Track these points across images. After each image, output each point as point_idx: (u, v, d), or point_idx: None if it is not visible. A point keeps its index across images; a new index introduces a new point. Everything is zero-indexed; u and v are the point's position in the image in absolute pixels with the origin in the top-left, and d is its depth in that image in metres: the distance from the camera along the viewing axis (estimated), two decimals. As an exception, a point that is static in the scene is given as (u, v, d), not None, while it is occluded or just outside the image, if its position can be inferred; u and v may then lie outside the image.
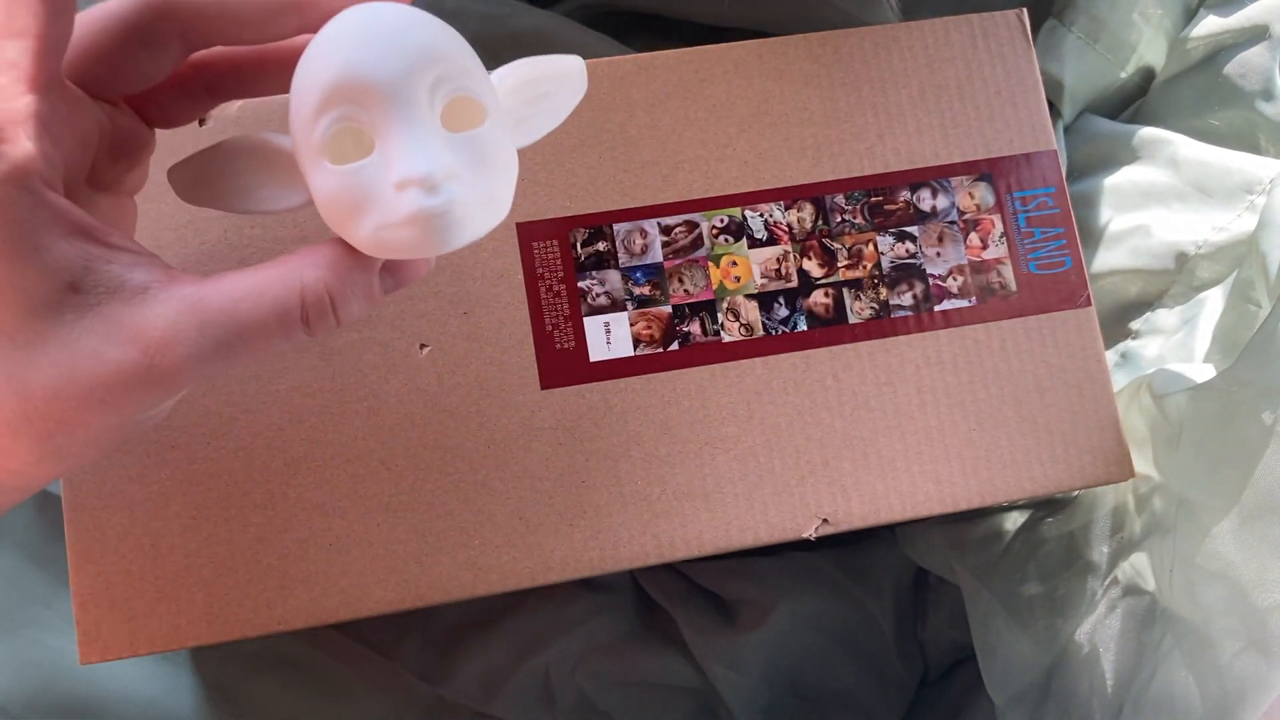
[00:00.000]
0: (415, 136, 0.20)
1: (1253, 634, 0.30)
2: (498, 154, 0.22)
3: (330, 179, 0.20)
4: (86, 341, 0.19)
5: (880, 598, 0.47)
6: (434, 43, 0.21)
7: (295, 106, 0.21)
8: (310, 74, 0.20)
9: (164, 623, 0.33)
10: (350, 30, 0.20)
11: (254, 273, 0.21)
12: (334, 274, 0.22)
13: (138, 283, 0.20)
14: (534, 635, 0.46)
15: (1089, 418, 0.37)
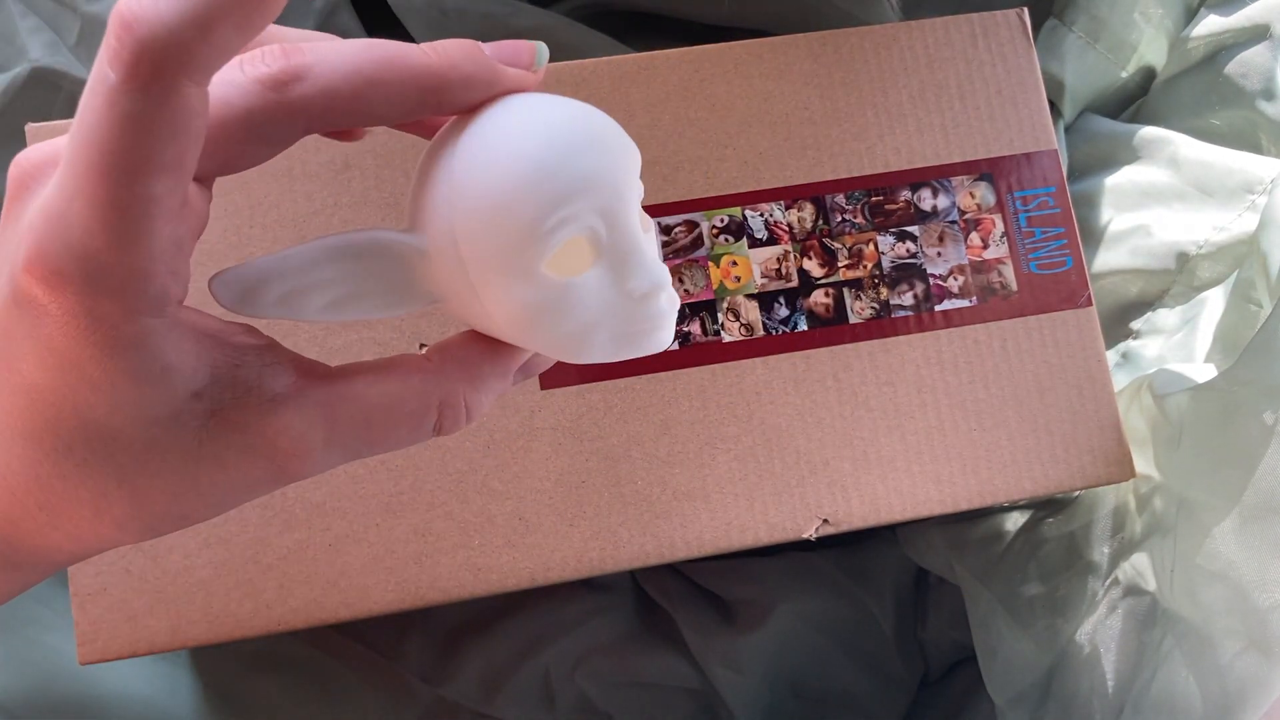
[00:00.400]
0: (642, 244, 0.19)
1: (1253, 634, 0.30)
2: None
3: (546, 294, 0.19)
4: (211, 450, 0.19)
5: (880, 598, 0.47)
6: (630, 141, 0.20)
7: (490, 215, 0.18)
8: (524, 180, 0.18)
9: (163, 623, 0.33)
10: (557, 129, 0.18)
11: (388, 376, 0.20)
12: (473, 384, 0.21)
13: (266, 389, 0.19)
14: (534, 635, 0.46)
15: (1090, 418, 0.37)
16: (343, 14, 0.45)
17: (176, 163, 0.16)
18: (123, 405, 0.18)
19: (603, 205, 0.19)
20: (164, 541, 0.33)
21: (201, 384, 0.18)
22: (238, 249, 0.34)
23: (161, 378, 0.18)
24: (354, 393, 0.20)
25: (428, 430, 0.21)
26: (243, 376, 0.19)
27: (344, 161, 0.35)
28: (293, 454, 0.19)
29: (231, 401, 0.19)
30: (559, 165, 0.18)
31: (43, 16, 0.43)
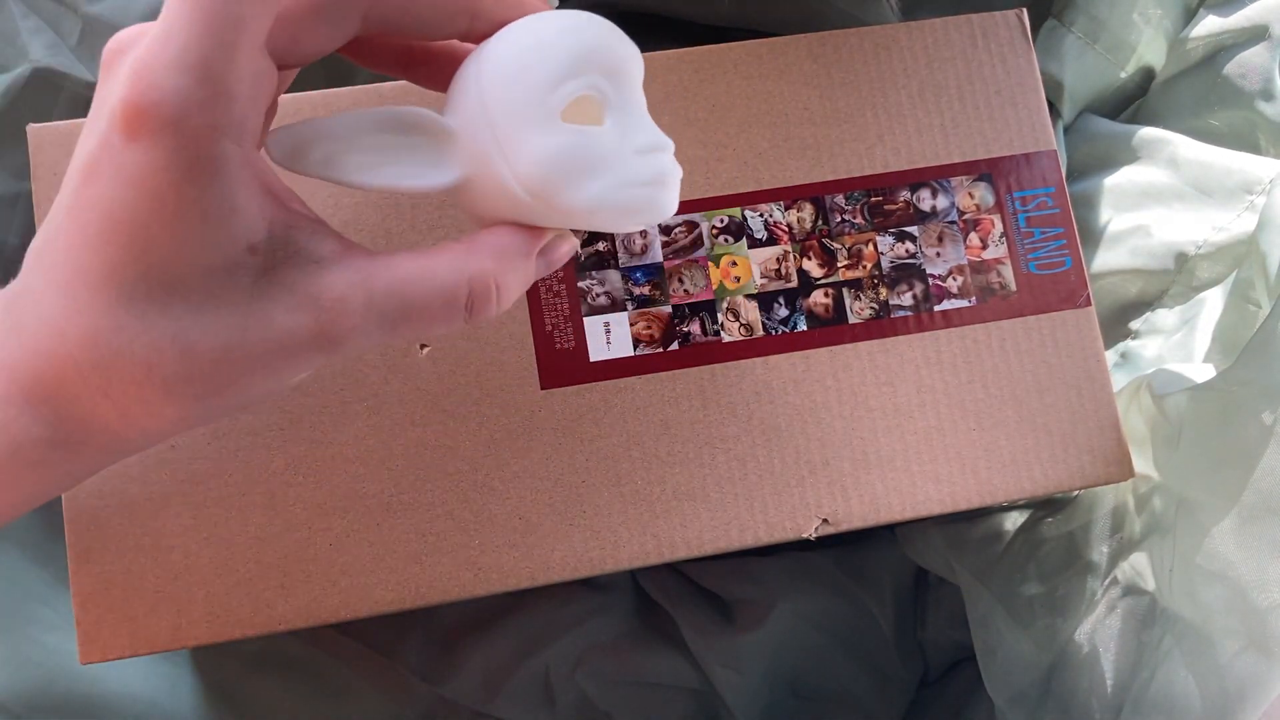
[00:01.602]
0: (646, 111, 0.23)
1: (1252, 634, 0.30)
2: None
3: (563, 139, 0.22)
4: (260, 305, 0.19)
5: (880, 598, 0.47)
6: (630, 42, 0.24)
7: (515, 75, 0.22)
8: (542, 47, 0.22)
9: (164, 622, 0.33)
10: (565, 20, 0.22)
11: (423, 256, 0.22)
12: (501, 263, 0.22)
13: (314, 251, 0.20)
14: (534, 635, 0.46)
15: (1089, 418, 0.37)
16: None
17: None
18: (188, 244, 0.18)
19: (610, 71, 0.22)
20: (164, 541, 0.33)
21: (258, 238, 0.19)
22: (238, 249, 0.34)
23: (228, 218, 0.19)
24: (394, 264, 0.21)
25: (460, 307, 0.22)
26: (295, 237, 0.20)
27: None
28: (335, 313, 0.20)
29: (283, 259, 0.20)
30: (570, 38, 0.22)
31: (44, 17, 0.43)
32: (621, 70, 0.22)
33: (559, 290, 0.35)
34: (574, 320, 0.35)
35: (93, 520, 0.33)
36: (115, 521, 0.33)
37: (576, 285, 0.36)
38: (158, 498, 0.33)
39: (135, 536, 0.33)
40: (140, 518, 0.33)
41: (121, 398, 0.19)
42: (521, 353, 0.35)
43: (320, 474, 0.34)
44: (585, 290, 0.36)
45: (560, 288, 0.35)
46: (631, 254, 0.36)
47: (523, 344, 0.35)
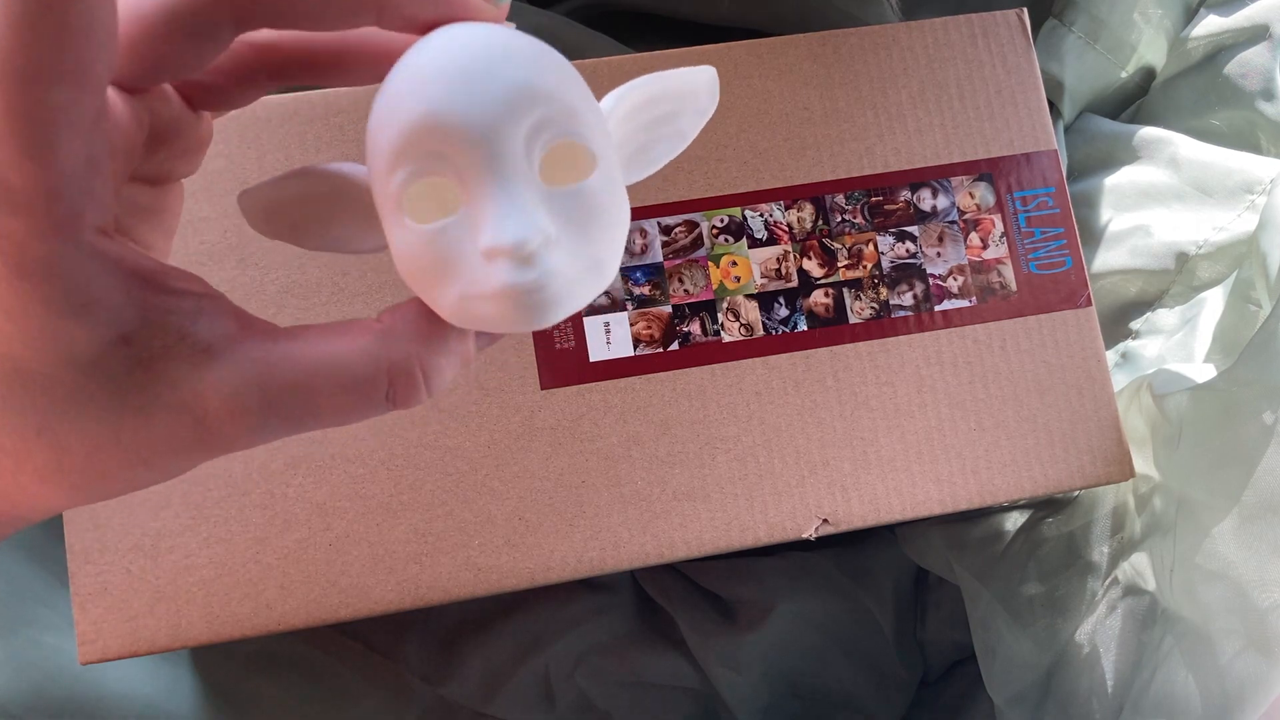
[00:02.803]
0: (507, 195, 0.17)
1: (1253, 634, 0.30)
2: (607, 208, 0.18)
3: (409, 237, 0.18)
4: (135, 400, 0.17)
5: (880, 598, 0.47)
6: (535, 80, 0.17)
7: (371, 149, 0.18)
8: (388, 113, 0.17)
9: (164, 623, 0.33)
10: (436, 62, 0.17)
11: (334, 337, 0.19)
12: (425, 344, 0.19)
13: (201, 338, 0.18)
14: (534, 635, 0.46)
15: (1089, 418, 0.37)
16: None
17: (78, 68, 0.15)
18: (41, 339, 0.16)
19: (460, 150, 0.17)
20: (164, 541, 0.33)
21: (130, 327, 0.17)
22: (238, 249, 0.34)
23: (83, 312, 0.16)
24: (296, 353, 0.18)
25: (379, 400, 0.19)
26: (176, 323, 0.17)
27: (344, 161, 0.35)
28: (224, 415, 0.17)
29: (161, 350, 0.17)
30: (408, 104, 0.17)
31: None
32: (484, 141, 0.17)
33: (559, 290, 0.35)
34: (574, 320, 0.35)
35: (92, 520, 0.33)
36: (115, 521, 0.33)
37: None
38: (158, 498, 0.33)
39: (135, 536, 0.33)
40: (140, 518, 0.33)
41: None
42: (521, 353, 0.35)
43: (320, 474, 0.34)
44: (585, 290, 0.36)
45: (560, 288, 0.35)
46: (631, 254, 0.36)
47: (523, 344, 0.35)
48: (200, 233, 0.34)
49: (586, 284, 0.18)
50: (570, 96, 0.18)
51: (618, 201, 0.19)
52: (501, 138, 0.17)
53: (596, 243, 0.18)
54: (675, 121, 0.21)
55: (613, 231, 0.18)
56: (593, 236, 0.18)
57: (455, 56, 0.17)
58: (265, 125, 0.35)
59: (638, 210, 0.36)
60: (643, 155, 0.21)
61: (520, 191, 0.17)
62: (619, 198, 0.19)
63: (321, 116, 0.35)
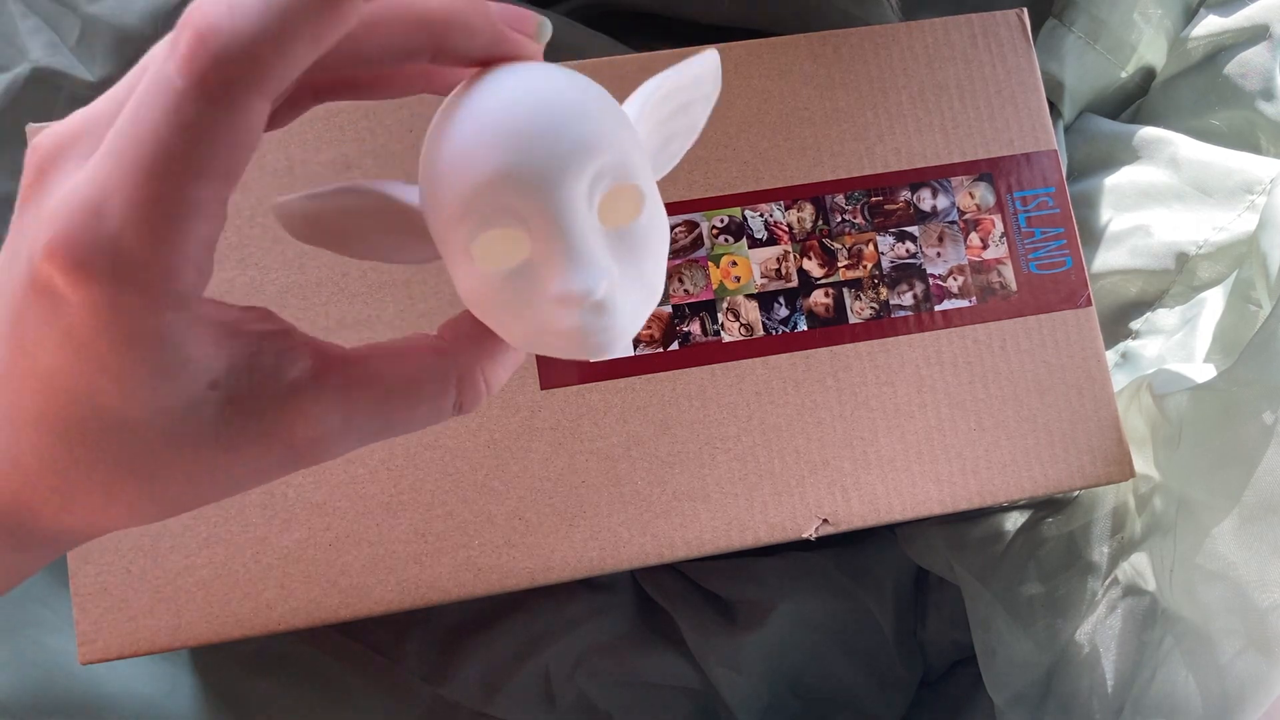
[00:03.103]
0: (574, 245, 0.18)
1: (1253, 634, 0.30)
2: (655, 237, 0.19)
3: (477, 280, 0.19)
4: (226, 437, 0.18)
5: (880, 598, 0.47)
6: (594, 131, 0.18)
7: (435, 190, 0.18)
8: (455, 162, 0.18)
9: (164, 623, 0.33)
10: (500, 116, 0.18)
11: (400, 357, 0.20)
12: (487, 356, 0.21)
13: (284, 373, 0.19)
14: (534, 635, 0.46)
15: (1089, 418, 0.37)
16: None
17: (228, 171, 0.17)
18: (139, 396, 0.18)
19: (531, 202, 0.18)
20: (164, 541, 0.33)
21: (218, 373, 0.18)
22: (238, 249, 0.34)
23: (179, 370, 0.18)
24: (371, 376, 0.20)
25: (448, 409, 0.21)
26: (260, 364, 0.19)
27: (345, 161, 0.35)
28: (311, 440, 0.19)
29: (248, 390, 0.19)
30: (480, 158, 0.18)
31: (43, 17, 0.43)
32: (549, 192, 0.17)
33: (559, 290, 0.35)
34: (574, 320, 0.35)
35: (92, 520, 0.33)
36: (115, 521, 0.33)
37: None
38: (157, 498, 0.33)
39: (135, 536, 0.33)
40: (140, 518, 0.33)
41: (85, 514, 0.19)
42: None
43: (320, 474, 0.34)
44: (585, 290, 0.36)
45: (560, 288, 0.35)
46: (631, 254, 0.36)
47: (523, 344, 0.35)
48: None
49: (643, 310, 0.19)
50: (621, 139, 0.19)
51: (661, 225, 0.20)
52: (566, 191, 0.18)
53: (648, 272, 0.19)
54: (688, 112, 0.22)
55: (660, 255, 0.20)
56: (645, 268, 0.19)
57: (519, 111, 0.18)
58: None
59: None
60: (663, 152, 0.22)
61: (585, 239, 0.18)
62: (661, 219, 0.20)
63: (323, 117, 0.35)
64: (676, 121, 0.22)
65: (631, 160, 0.19)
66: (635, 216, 0.19)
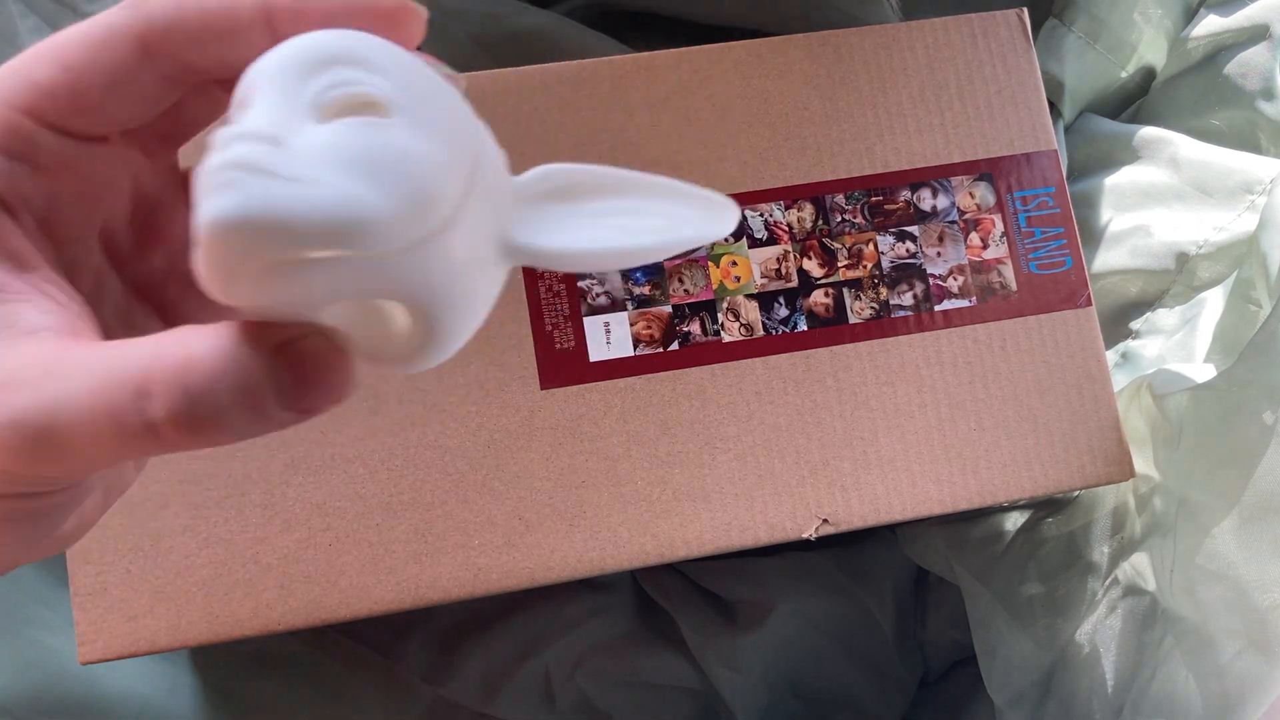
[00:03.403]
0: (261, 111, 0.15)
1: (1253, 634, 0.30)
2: (402, 158, 0.16)
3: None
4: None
5: (880, 598, 0.47)
6: (339, 38, 0.17)
7: None
8: None
9: (163, 622, 0.33)
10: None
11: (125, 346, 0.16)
12: (203, 364, 0.15)
13: (27, 324, 0.16)
14: (534, 635, 0.46)
15: (1089, 418, 0.37)
16: (343, 14, 0.45)
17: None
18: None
19: (256, 87, 0.16)
20: (164, 541, 0.33)
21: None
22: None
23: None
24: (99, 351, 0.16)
25: (133, 426, 0.15)
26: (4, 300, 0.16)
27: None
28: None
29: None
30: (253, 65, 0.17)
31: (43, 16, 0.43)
32: (273, 74, 0.16)
33: (559, 290, 0.35)
34: (574, 320, 0.35)
35: (92, 520, 0.33)
36: (115, 521, 0.33)
37: (576, 285, 0.36)
38: (157, 498, 0.33)
39: (134, 537, 0.33)
40: (140, 518, 0.33)
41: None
42: (521, 353, 0.35)
43: (320, 474, 0.34)
44: (585, 290, 0.36)
45: (560, 288, 0.35)
46: (631, 254, 0.36)
47: (522, 344, 0.35)
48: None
49: (309, 199, 0.14)
50: (386, 60, 0.16)
51: (425, 163, 0.16)
52: (280, 75, 0.16)
53: (353, 178, 0.15)
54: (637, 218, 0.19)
55: (394, 184, 0.15)
56: (353, 172, 0.15)
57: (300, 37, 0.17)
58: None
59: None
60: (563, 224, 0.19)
61: (271, 112, 0.15)
62: (431, 162, 0.16)
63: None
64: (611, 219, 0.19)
65: (391, 82, 0.16)
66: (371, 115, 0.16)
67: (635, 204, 0.19)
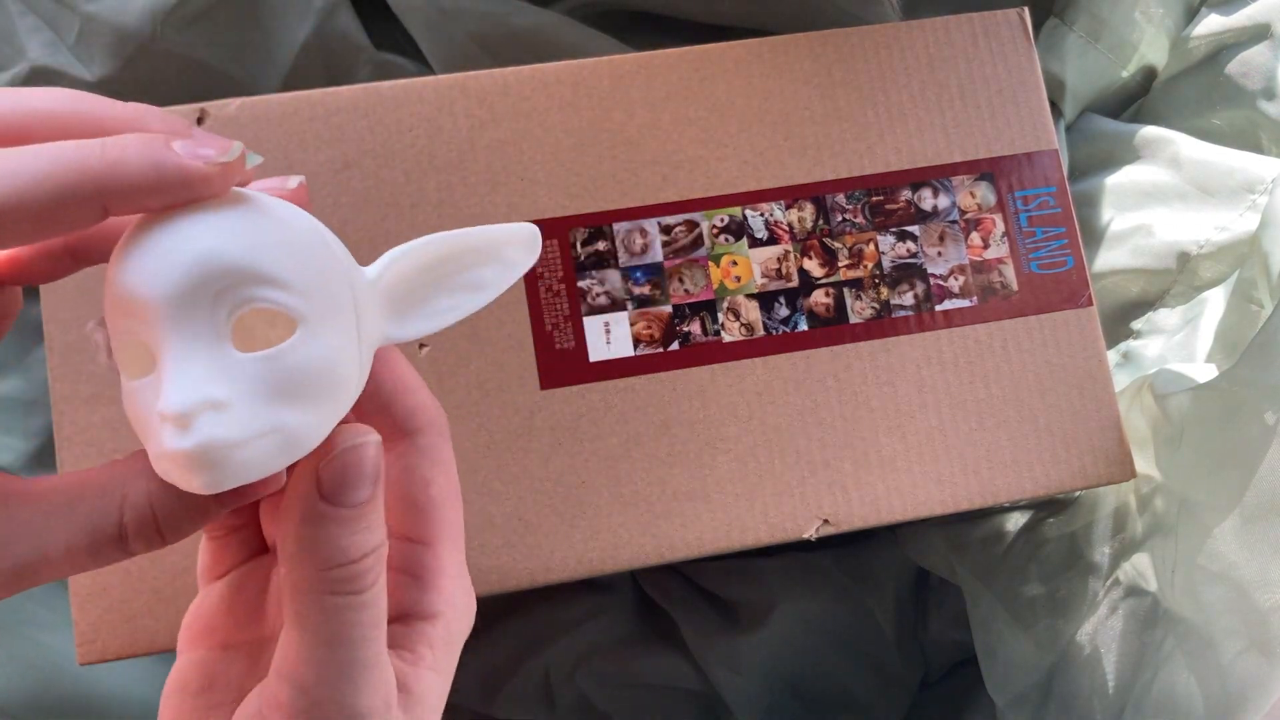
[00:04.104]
0: (182, 361, 0.17)
1: (1254, 635, 0.30)
2: (308, 375, 0.18)
3: (125, 395, 0.19)
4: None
5: (881, 598, 0.47)
6: (225, 249, 0.17)
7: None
8: (106, 285, 0.18)
9: (162, 623, 0.33)
10: (139, 240, 0.18)
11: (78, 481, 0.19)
12: (161, 488, 0.18)
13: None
14: (534, 636, 0.46)
15: (1090, 418, 0.36)
16: (343, 14, 0.45)
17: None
18: None
19: (149, 316, 0.17)
20: (163, 542, 0.33)
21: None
22: (237, 249, 0.34)
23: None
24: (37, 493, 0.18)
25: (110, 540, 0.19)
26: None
27: (344, 161, 0.35)
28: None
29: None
30: (111, 274, 0.18)
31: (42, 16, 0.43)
32: (165, 316, 0.17)
33: (559, 290, 0.35)
34: (574, 320, 0.35)
35: (91, 521, 0.33)
36: (114, 522, 0.33)
37: (576, 285, 0.35)
38: (156, 498, 0.33)
39: (134, 537, 0.33)
40: (139, 518, 0.33)
41: None
42: (521, 353, 0.35)
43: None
44: (585, 290, 0.35)
45: (560, 287, 0.35)
46: (631, 253, 0.36)
47: (522, 344, 0.35)
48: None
49: (265, 450, 0.18)
50: (271, 264, 0.18)
51: (327, 368, 0.18)
52: (183, 305, 0.17)
53: (286, 409, 0.18)
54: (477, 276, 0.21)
55: (311, 398, 0.18)
56: (284, 403, 0.18)
57: (159, 227, 0.18)
58: (264, 124, 0.35)
59: (638, 210, 0.36)
60: (426, 307, 0.21)
61: (195, 357, 0.17)
62: (331, 364, 0.18)
63: (322, 116, 0.35)
64: (456, 279, 0.21)
65: (281, 286, 0.18)
66: (280, 342, 0.18)
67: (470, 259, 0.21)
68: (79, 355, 0.33)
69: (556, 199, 0.36)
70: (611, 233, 0.36)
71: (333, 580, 0.19)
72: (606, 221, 0.36)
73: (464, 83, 0.36)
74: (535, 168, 0.36)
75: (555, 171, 0.36)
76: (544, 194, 0.36)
